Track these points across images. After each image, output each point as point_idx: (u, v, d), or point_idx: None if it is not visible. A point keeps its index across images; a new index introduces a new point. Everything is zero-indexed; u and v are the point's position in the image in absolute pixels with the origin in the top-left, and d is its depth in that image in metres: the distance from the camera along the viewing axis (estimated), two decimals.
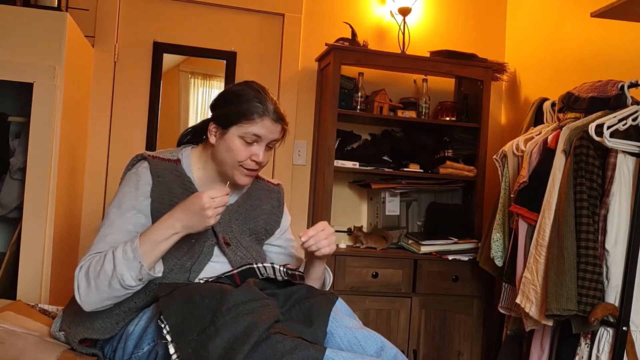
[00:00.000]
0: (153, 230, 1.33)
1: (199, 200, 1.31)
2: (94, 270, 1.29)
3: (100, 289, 1.29)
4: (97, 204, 2.95)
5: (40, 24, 2.25)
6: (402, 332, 2.81)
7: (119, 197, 1.45)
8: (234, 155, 1.46)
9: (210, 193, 1.32)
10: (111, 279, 1.27)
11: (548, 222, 2.11)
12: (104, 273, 1.28)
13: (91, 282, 1.29)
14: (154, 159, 1.50)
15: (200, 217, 1.31)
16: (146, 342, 1.31)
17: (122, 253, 1.29)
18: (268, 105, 1.47)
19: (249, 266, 1.42)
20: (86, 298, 1.30)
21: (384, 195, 3.11)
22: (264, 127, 1.46)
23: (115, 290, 1.29)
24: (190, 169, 1.53)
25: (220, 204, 1.33)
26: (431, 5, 3.36)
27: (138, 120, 3.04)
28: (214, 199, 1.31)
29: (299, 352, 1.12)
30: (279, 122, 1.49)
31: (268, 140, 1.49)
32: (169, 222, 1.32)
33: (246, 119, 1.44)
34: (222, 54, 3.13)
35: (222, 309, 1.19)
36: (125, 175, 1.50)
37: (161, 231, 1.32)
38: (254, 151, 1.47)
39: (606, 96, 2.15)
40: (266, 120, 1.46)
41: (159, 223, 1.33)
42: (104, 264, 1.29)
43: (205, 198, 1.30)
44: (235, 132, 1.46)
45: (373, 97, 3.03)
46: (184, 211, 1.32)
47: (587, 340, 2.02)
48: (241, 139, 1.46)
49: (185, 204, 1.33)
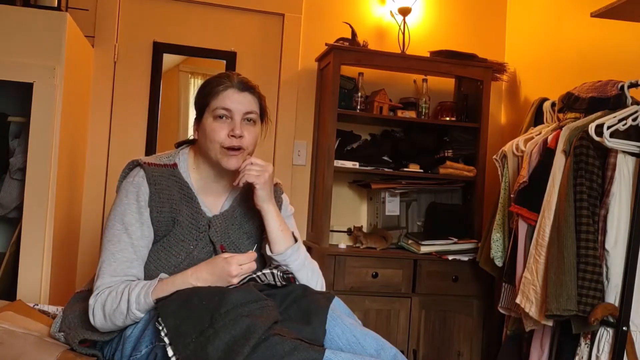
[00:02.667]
0: (173, 282, 1.35)
1: (227, 267, 1.33)
2: (110, 307, 1.34)
3: (116, 322, 1.35)
4: (97, 204, 2.95)
5: (40, 24, 2.25)
6: (402, 332, 2.81)
7: (120, 210, 1.43)
8: (212, 136, 1.44)
9: (239, 259, 1.34)
10: (125, 319, 1.34)
11: (548, 222, 2.11)
12: (120, 312, 1.33)
13: (106, 316, 1.35)
14: (149, 167, 1.46)
15: (225, 281, 1.34)
16: (144, 344, 1.31)
17: (136, 299, 1.32)
18: (232, 78, 1.47)
19: (249, 277, 1.42)
20: (101, 326, 1.37)
21: (384, 195, 3.11)
22: (230, 98, 1.44)
23: (129, 323, 1.36)
24: (187, 172, 1.52)
25: (248, 270, 1.36)
26: (431, 5, 3.35)
27: (138, 120, 3.04)
28: (242, 266, 1.34)
29: (298, 354, 1.12)
30: (247, 90, 1.47)
31: (241, 112, 1.45)
32: (191, 280, 1.34)
33: (212, 96, 1.45)
34: (222, 54, 3.13)
35: (221, 311, 1.19)
36: (122, 185, 1.47)
37: (181, 284, 1.34)
38: (230, 126, 1.45)
39: (606, 96, 2.14)
40: (230, 91, 1.45)
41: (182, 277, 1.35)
42: (120, 304, 1.33)
43: (234, 266, 1.33)
44: (208, 115, 1.46)
45: (373, 97, 3.03)
46: (210, 274, 1.34)
47: (587, 341, 2.02)
48: (213, 118, 1.45)
49: (212, 267, 1.35)
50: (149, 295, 1.32)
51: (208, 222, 1.49)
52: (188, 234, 1.45)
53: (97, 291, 1.36)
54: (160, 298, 1.30)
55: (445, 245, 2.89)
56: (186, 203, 1.47)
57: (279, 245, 1.49)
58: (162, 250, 1.43)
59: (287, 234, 1.52)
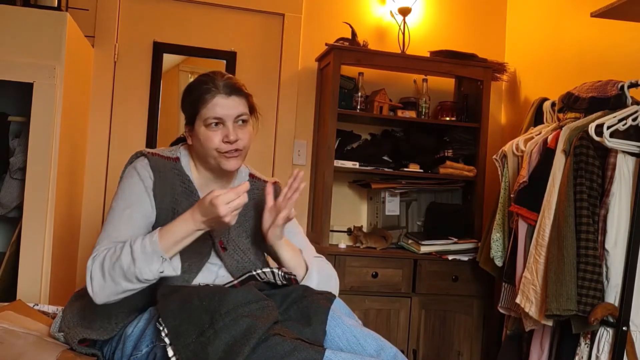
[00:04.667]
0: (174, 226, 1.31)
1: (215, 210, 1.27)
2: (109, 262, 1.28)
3: (116, 281, 1.27)
4: (97, 204, 2.95)
5: (40, 24, 2.25)
6: (402, 332, 2.81)
7: (124, 189, 1.44)
8: (208, 144, 1.44)
9: (225, 199, 1.27)
10: (127, 272, 1.26)
11: (548, 222, 2.11)
12: (120, 267, 1.27)
13: (106, 274, 1.28)
14: (153, 156, 1.49)
15: (220, 223, 1.30)
16: (145, 344, 1.31)
17: (141, 247, 1.27)
18: (217, 82, 1.44)
19: (248, 274, 1.42)
20: (100, 291, 1.29)
21: (384, 195, 3.11)
22: (219, 106, 1.43)
23: (131, 283, 1.28)
24: (189, 167, 1.53)
25: (238, 205, 1.30)
26: (431, 5, 3.35)
27: (138, 120, 3.04)
28: (230, 204, 1.28)
29: (298, 354, 1.12)
30: (233, 94, 1.45)
31: (232, 117, 1.44)
32: (191, 221, 1.31)
33: (201, 105, 1.43)
34: (222, 54, 3.13)
35: (221, 311, 1.19)
36: (126, 171, 1.49)
37: (185, 228, 1.30)
38: (224, 132, 1.44)
39: (606, 96, 2.14)
40: (218, 98, 1.43)
41: (181, 220, 1.32)
42: (121, 257, 1.27)
43: (221, 207, 1.26)
44: (200, 123, 1.44)
45: (373, 97, 3.03)
46: (203, 214, 1.30)
47: (587, 340, 2.02)
48: (206, 127, 1.44)
49: (203, 209, 1.30)
50: (156, 240, 1.27)
51: None
52: None
53: (94, 254, 1.32)
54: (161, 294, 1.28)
55: (445, 245, 2.89)
56: (186, 196, 1.47)
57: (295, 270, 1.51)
58: None
59: (299, 260, 1.53)
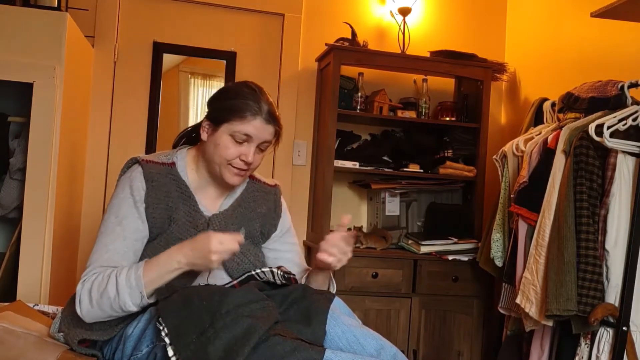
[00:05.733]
0: (159, 261, 1.33)
1: (207, 243, 1.29)
2: (97, 291, 1.31)
3: (103, 308, 1.32)
4: (97, 204, 2.95)
5: (40, 24, 2.25)
6: (402, 332, 2.81)
7: (115, 203, 1.44)
8: (222, 152, 1.44)
9: (220, 237, 1.30)
10: (113, 302, 1.31)
11: (548, 222, 2.11)
12: (107, 296, 1.30)
13: (93, 301, 1.32)
14: (147, 164, 1.48)
15: (204, 259, 1.30)
16: (145, 343, 1.31)
17: (126, 280, 1.30)
18: (262, 105, 1.44)
19: (247, 274, 1.42)
20: (88, 314, 1.34)
21: (384, 195, 3.11)
22: (255, 127, 1.43)
23: (116, 312, 1.33)
24: (185, 171, 1.52)
25: (229, 249, 1.31)
26: (431, 5, 3.35)
27: (138, 120, 3.04)
28: (223, 243, 1.30)
29: (298, 354, 1.12)
30: (272, 123, 1.46)
31: (259, 141, 1.45)
32: (175, 255, 1.32)
33: (238, 116, 1.42)
34: (222, 54, 3.13)
35: (222, 311, 1.19)
36: (119, 180, 1.49)
37: (167, 263, 1.32)
38: (243, 151, 1.44)
39: (606, 96, 2.14)
40: (258, 120, 1.43)
41: (166, 255, 1.34)
42: (107, 287, 1.30)
43: (214, 242, 1.28)
44: (225, 130, 1.44)
45: (373, 97, 3.03)
46: (192, 249, 1.32)
47: (587, 341, 2.02)
48: (231, 137, 1.43)
49: (194, 242, 1.32)
50: (140, 274, 1.29)
51: (207, 221, 1.49)
52: (186, 232, 1.45)
53: (84, 278, 1.35)
54: (161, 295, 1.29)
55: (445, 245, 2.89)
56: (183, 201, 1.47)
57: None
58: (160, 248, 1.43)
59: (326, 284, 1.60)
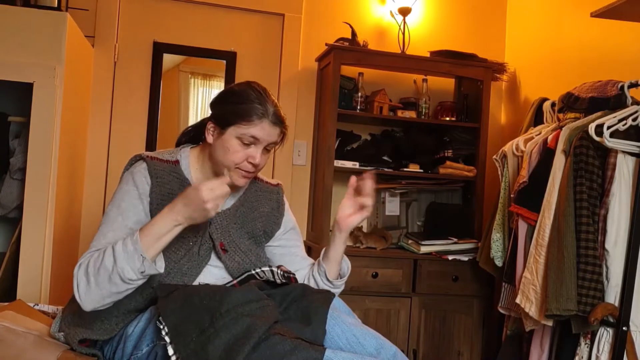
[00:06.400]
0: (154, 223, 1.30)
1: (198, 194, 1.28)
2: (93, 266, 1.28)
3: (101, 285, 1.26)
4: (97, 204, 2.95)
5: (40, 24, 2.25)
6: (402, 332, 2.81)
7: (119, 195, 1.44)
8: (230, 156, 1.44)
9: (209, 185, 1.29)
10: (111, 273, 1.25)
11: (548, 222, 2.11)
12: (104, 268, 1.26)
13: (91, 278, 1.27)
14: (152, 160, 1.48)
15: (201, 210, 1.29)
16: (145, 343, 1.31)
17: (123, 247, 1.27)
18: (268, 107, 1.44)
19: (247, 274, 1.42)
20: (86, 296, 1.28)
21: (384, 195, 3.12)
22: (262, 130, 1.44)
23: (115, 285, 1.26)
24: (189, 170, 1.52)
25: (220, 194, 1.30)
26: (431, 5, 3.35)
27: (138, 120, 3.04)
28: (213, 189, 1.29)
29: (298, 353, 1.12)
30: (278, 125, 1.47)
31: (266, 142, 1.46)
32: (170, 215, 1.30)
33: (245, 120, 1.42)
34: (222, 54, 3.13)
35: (222, 310, 1.19)
36: (124, 175, 1.49)
37: (163, 224, 1.30)
38: (251, 153, 1.45)
39: (606, 96, 2.14)
40: (265, 123, 1.43)
41: (161, 216, 1.31)
42: (104, 259, 1.27)
43: (205, 191, 1.27)
44: (232, 133, 1.43)
45: (373, 97, 3.03)
46: (184, 205, 1.30)
47: (587, 340, 2.02)
48: (238, 140, 1.43)
49: (184, 198, 1.31)
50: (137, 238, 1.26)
51: (209, 220, 1.49)
52: (188, 230, 1.44)
53: (80, 261, 1.32)
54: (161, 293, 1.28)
55: (445, 245, 2.89)
56: None
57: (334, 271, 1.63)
58: None
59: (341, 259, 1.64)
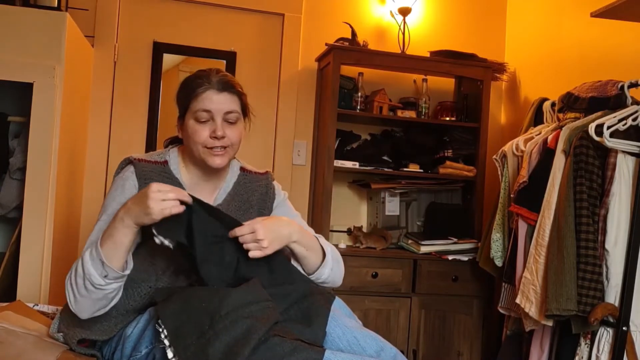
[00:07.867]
0: (110, 226, 1.30)
1: (145, 190, 1.25)
2: (74, 276, 1.30)
3: (82, 293, 1.28)
4: (97, 204, 2.94)
5: (40, 24, 2.25)
6: (401, 332, 2.81)
7: (107, 201, 1.46)
8: (195, 138, 1.44)
9: (160, 185, 1.26)
10: (84, 281, 1.27)
11: (548, 222, 2.11)
12: (80, 276, 1.28)
13: (75, 289, 1.29)
14: (140, 162, 1.49)
15: (142, 207, 1.24)
16: (144, 345, 1.31)
17: (89, 254, 1.28)
18: (211, 78, 1.45)
19: None
20: (77, 307, 1.31)
21: (384, 195, 3.11)
22: (209, 100, 1.43)
23: (91, 292, 1.27)
24: (178, 169, 1.53)
25: (169, 197, 1.24)
26: (431, 5, 3.35)
27: (138, 120, 3.04)
28: (162, 190, 1.25)
29: (298, 354, 1.12)
30: (225, 90, 1.45)
31: (221, 113, 1.44)
32: (119, 214, 1.29)
33: (191, 98, 1.44)
34: (222, 54, 3.13)
35: (221, 313, 1.18)
36: (113, 181, 1.51)
37: (114, 225, 1.29)
38: (212, 128, 1.44)
39: (606, 96, 2.14)
40: (209, 92, 1.43)
41: (113, 217, 1.31)
42: (78, 268, 1.29)
43: (152, 188, 1.24)
44: (189, 116, 1.45)
45: (373, 97, 3.03)
46: (133, 203, 1.28)
47: (587, 340, 2.02)
48: (194, 120, 1.44)
49: (135, 196, 1.30)
50: (98, 244, 1.27)
51: None
52: None
53: (70, 271, 1.34)
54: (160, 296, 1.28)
55: (445, 245, 2.89)
56: None
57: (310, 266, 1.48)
58: (157, 247, 1.42)
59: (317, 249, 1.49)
